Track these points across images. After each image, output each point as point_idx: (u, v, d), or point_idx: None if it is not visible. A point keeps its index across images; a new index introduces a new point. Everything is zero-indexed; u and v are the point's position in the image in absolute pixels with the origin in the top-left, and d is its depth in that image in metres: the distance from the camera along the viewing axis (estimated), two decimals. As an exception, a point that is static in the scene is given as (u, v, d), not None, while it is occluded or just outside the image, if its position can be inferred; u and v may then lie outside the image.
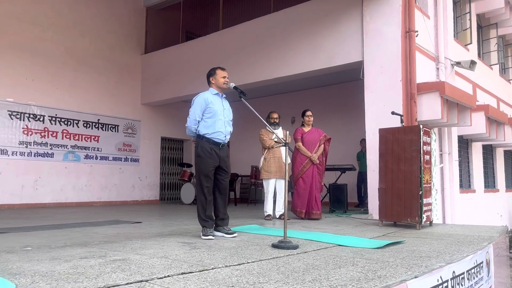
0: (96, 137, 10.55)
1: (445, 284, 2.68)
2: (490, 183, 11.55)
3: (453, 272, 2.83)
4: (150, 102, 11.55)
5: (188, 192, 10.61)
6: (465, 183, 10.07)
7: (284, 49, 8.61)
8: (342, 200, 7.75)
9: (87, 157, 10.32)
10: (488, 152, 11.61)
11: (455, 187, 8.50)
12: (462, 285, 2.94)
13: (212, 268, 2.61)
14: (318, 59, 8.09)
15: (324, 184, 6.90)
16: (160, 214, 7.94)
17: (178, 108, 12.04)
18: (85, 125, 10.32)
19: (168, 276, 2.37)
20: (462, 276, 2.97)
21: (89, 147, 10.40)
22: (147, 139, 11.74)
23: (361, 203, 9.42)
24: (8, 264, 2.68)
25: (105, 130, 10.76)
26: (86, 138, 10.33)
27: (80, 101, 10.25)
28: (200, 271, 2.52)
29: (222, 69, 4.39)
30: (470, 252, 3.37)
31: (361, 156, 9.63)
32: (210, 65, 4.68)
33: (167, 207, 9.89)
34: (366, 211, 7.24)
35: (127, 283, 2.18)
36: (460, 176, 9.48)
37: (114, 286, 2.13)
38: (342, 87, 11.06)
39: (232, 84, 4.31)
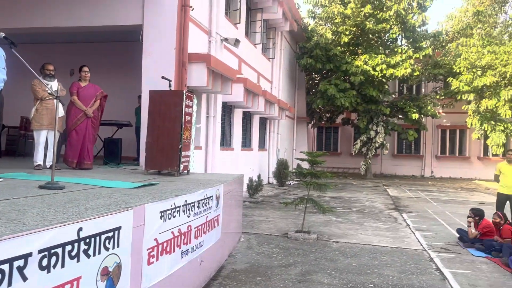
0: None
1: (177, 208, 3.68)
2: (247, 143, 13.93)
3: (185, 200, 3.87)
4: None
5: None
6: (227, 142, 11.95)
7: (66, -2, 8.37)
8: (116, 153, 8.33)
9: None
10: (247, 117, 13.90)
11: (216, 145, 10.10)
12: (192, 210, 4.03)
13: (-23, 203, 2.93)
14: (100, 16, 8.21)
15: (99, 136, 7.33)
16: None
17: None
18: None
19: None
20: (193, 204, 4.06)
21: None
22: None
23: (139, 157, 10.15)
24: None
25: None
26: None
27: None
28: (-36, 205, 2.82)
29: (-9, 15, 4.33)
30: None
31: (138, 111, 10.27)
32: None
33: None
34: (138, 163, 8.03)
35: None
36: (223, 136, 11.23)
37: None
38: (125, 45, 11.31)
39: (2, 34, 4.30)
